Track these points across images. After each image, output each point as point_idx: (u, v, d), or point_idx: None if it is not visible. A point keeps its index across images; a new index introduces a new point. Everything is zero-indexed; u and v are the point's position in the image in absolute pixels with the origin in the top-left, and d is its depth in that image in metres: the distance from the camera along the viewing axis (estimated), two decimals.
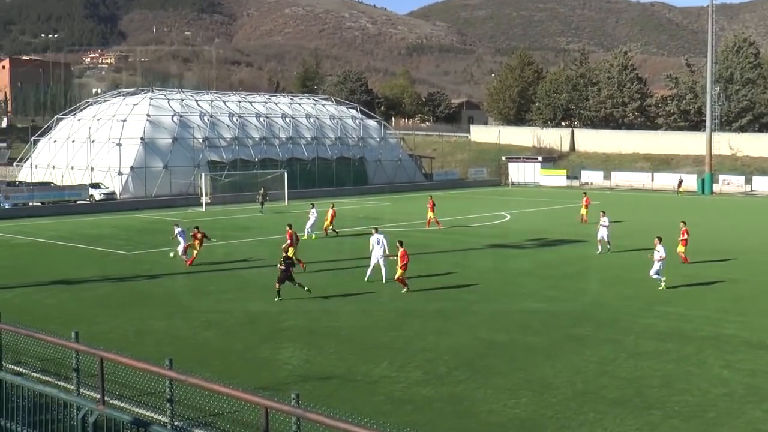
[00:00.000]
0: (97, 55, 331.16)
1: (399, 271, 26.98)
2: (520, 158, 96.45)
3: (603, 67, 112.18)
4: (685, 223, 33.40)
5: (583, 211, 49.21)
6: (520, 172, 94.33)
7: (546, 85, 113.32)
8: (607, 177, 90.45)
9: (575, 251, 37.44)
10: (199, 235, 33.43)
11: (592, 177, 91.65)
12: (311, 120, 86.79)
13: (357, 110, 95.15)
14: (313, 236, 41.46)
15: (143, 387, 12.89)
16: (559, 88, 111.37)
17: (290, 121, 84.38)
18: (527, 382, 17.29)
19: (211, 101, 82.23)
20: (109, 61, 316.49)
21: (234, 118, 79.98)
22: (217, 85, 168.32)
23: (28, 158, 77.02)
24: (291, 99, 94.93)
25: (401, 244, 27.53)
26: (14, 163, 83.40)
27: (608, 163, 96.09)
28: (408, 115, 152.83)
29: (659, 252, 27.41)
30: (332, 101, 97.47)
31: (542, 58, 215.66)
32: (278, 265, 26.29)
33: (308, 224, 42.03)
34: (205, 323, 22.76)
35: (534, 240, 40.85)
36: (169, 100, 78.91)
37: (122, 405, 13.75)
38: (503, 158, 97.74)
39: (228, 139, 77.09)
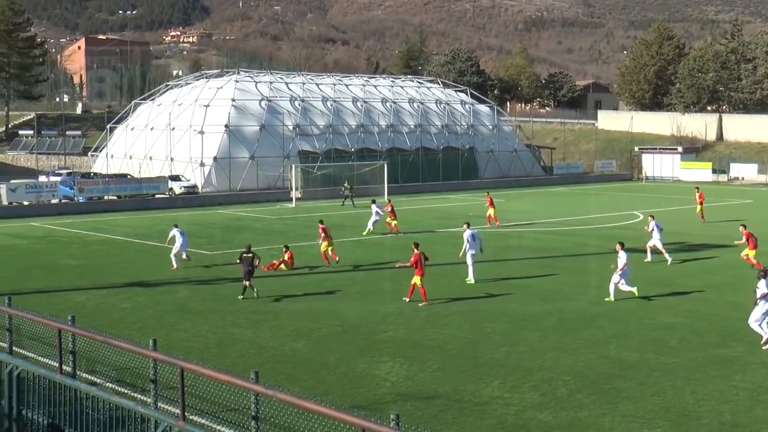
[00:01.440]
0: (178, 33, 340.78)
1: (415, 278, 26.38)
2: (656, 149, 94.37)
3: (760, 41, 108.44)
4: (745, 227, 34.11)
5: (699, 208, 50.46)
6: (656, 165, 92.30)
7: (689, 63, 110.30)
8: (762, 171, 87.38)
9: (721, 258, 36.41)
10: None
11: (743, 171, 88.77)
12: (415, 105, 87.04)
13: (467, 94, 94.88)
14: (371, 230, 44.30)
15: (226, 402, 13.19)
16: (704, 66, 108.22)
17: (391, 106, 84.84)
18: (663, 409, 16.90)
19: (303, 84, 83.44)
20: (191, 39, 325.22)
21: (328, 103, 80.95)
22: (310, 65, 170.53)
23: (103, 147, 79.89)
24: (392, 81, 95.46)
25: (416, 246, 26.82)
26: (89, 153, 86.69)
27: (764, 154, 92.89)
28: (525, 100, 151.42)
29: (621, 259, 27.21)
30: (439, 84, 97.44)
31: (685, 31, 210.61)
32: (238, 261, 28.30)
33: (372, 220, 44.79)
34: (294, 333, 23.12)
35: (671, 244, 39.86)
36: (256, 83, 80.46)
37: (203, 421, 14.09)
38: (636, 149, 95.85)
39: (321, 127, 78.08)
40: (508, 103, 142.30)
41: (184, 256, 34.64)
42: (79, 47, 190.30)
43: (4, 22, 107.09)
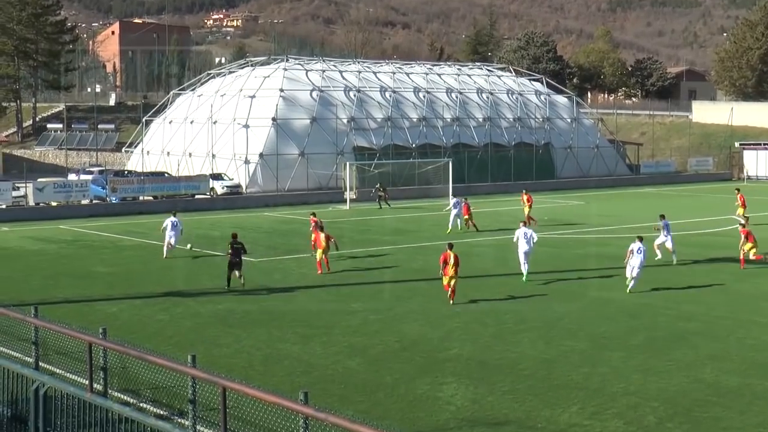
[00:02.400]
0: (221, 16, 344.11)
1: (444, 278, 28.74)
2: (760, 144, 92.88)
3: None
4: (743, 225, 38.00)
5: (741, 211, 50.48)
6: (760, 163, 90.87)
7: None
8: None
9: None
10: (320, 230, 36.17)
11: None
12: (484, 96, 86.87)
13: (542, 83, 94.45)
14: (459, 228, 47.25)
15: (272, 426, 13.26)
16: None
17: (457, 97, 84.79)
18: None
19: (359, 72, 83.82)
20: (235, 23, 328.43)
21: (387, 94, 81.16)
22: (366, 52, 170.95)
23: (139, 143, 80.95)
24: (458, 69, 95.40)
25: (450, 247, 29.09)
26: (123, 149, 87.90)
27: None
28: (609, 89, 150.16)
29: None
30: (511, 72, 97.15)
31: None
32: (227, 253, 31.83)
33: (452, 215, 48.37)
34: (347, 349, 23.21)
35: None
36: (307, 71, 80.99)
37: None
38: (736, 144, 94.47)
39: (379, 120, 78.33)
40: (589, 94, 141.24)
41: (172, 243, 38.65)
42: (112, 32, 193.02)
43: (32, 5, 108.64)
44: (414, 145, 77.87)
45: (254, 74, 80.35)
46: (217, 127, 73.58)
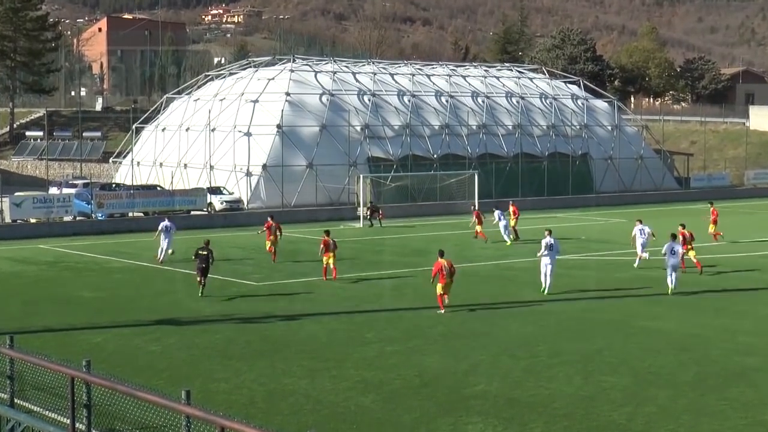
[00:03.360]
0: (221, 11, 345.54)
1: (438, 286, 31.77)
2: None
3: None
4: (683, 226, 41.35)
5: (711, 228, 52.42)
6: None
7: None
8: None
9: None
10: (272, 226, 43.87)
11: None
12: (514, 101, 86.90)
13: (580, 86, 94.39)
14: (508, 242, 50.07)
15: None
16: None
17: (484, 102, 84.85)
18: None
19: (374, 75, 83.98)
20: (236, 19, 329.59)
21: (405, 99, 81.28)
22: (383, 51, 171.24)
23: (128, 153, 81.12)
24: (485, 71, 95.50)
25: (441, 255, 32.00)
26: (111, 159, 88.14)
27: None
28: (654, 93, 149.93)
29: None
30: (544, 73, 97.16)
31: None
32: (193, 257, 35.53)
33: (501, 228, 51.37)
34: (360, 384, 23.18)
35: None
36: (316, 72, 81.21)
37: None
38: None
39: (396, 128, 78.40)
40: (632, 98, 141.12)
41: (169, 252, 43.60)
42: (99, 29, 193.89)
43: None
44: (435, 156, 77.88)
45: (257, 76, 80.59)
46: (216, 135, 73.73)
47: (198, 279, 35.17)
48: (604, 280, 39.46)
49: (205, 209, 66.11)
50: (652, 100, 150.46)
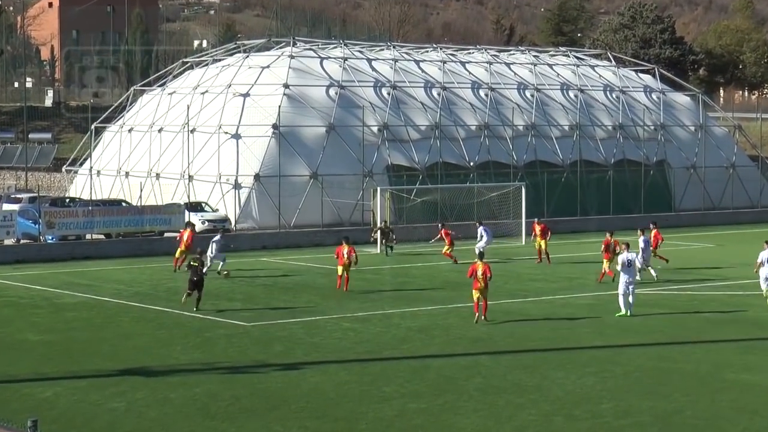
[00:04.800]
0: None
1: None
2: None
3: None
4: (612, 234, 48.60)
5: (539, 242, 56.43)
6: None
7: None
8: None
9: None
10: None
11: None
12: (571, 94, 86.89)
13: (655, 76, 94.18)
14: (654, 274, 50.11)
15: None
16: None
17: (533, 96, 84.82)
18: None
19: (394, 62, 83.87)
20: None
21: (434, 92, 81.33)
22: (406, 33, 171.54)
23: (86, 159, 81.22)
24: (534, 57, 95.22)
25: (481, 257, 37.49)
26: (64, 168, 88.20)
27: None
28: (750, 85, 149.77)
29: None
30: (610, 60, 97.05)
31: None
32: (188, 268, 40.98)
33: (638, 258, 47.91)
34: None
35: None
36: (322, 59, 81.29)
37: None
38: None
39: (423, 129, 78.41)
40: (721, 91, 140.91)
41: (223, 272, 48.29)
42: (50, 4, 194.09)
43: None
44: (472, 164, 77.90)
45: (248, 63, 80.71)
46: (197, 138, 73.73)
47: (187, 292, 40.13)
48: (686, 321, 39.33)
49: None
50: (746, 93, 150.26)
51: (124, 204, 70.29)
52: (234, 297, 45.25)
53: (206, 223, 66.98)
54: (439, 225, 60.08)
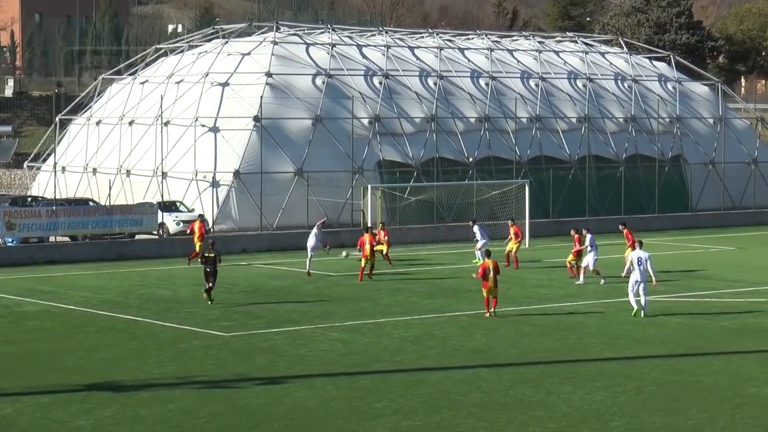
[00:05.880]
0: None
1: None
2: None
3: None
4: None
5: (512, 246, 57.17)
6: None
7: None
8: None
9: None
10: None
11: None
12: (579, 84, 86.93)
13: (670, 64, 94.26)
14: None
15: None
16: None
17: (537, 86, 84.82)
18: None
19: (387, 49, 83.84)
20: None
21: (430, 81, 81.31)
22: (400, 17, 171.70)
23: (50, 154, 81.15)
24: (539, 43, 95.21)
25: (488, 255, 40.22)
26: (26, 164, 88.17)
27: None
28: None
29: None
30: (621, 46, 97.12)
31: None
32: (200, 260, 45.03)
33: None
34: None
35: None
36: (308, 45, 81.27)
37: None
38: None
39: (418, 122, 78.46)
40: (742, 80, 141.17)
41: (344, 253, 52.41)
42: None
43: None
44: (471, 160, 77.93)
45: (227, 50, 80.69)
46: (171, 131, 73.77)
47: (206, 287, 44.06)
48: (704, 330, 39.37)
49: (155, 232, 66.00)
50: None
51: (91, 203, 70.26)
52: (211, 305, 45.15)
53: (181, 225, 66.99)
54: (381, 224, 60.52)
